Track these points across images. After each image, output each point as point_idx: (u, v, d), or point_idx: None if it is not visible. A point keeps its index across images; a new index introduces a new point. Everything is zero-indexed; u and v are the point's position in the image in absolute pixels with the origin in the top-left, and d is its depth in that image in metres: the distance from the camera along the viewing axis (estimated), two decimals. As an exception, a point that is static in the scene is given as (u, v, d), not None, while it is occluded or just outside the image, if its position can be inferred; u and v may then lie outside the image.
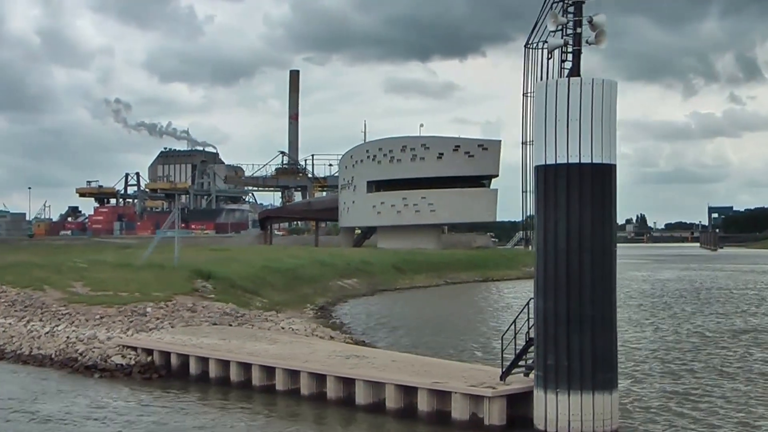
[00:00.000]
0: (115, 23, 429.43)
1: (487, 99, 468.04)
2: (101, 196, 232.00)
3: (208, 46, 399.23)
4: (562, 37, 22.41)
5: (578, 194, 21.90)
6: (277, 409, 26.40)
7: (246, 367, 28.90)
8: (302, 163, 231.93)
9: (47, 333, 36.62)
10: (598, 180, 22.14)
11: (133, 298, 41.95)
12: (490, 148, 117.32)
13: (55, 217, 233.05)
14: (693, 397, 27.81)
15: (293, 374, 27.43)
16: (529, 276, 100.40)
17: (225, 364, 29.61)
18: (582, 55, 22.30)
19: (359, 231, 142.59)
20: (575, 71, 22.43)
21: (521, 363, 23.79)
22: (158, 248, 64.46)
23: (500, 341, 24.47)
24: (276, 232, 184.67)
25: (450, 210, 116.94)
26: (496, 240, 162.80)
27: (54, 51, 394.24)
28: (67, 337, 35.37)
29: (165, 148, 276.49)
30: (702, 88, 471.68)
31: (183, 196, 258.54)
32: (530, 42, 21.62)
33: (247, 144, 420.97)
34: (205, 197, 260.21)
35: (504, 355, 24.26)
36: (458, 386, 23.43)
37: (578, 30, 22.35)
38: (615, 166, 22.58)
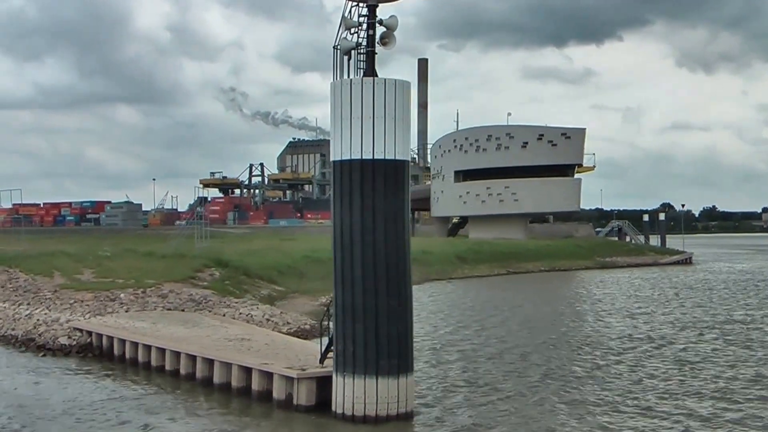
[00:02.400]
0: (245, 16, 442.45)
1: (626, 85, 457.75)
2: (225, 186, 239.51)
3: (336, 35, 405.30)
4: (357, 39, 23.66)
5: (371, 189, 23.13)
6: (154, 385, 28.69)
7: (148, 348, 31.44)
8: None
9: (26, 316, 40.28)
10: (391, 175, 23.31)
11: (124, 285, 45.20)
12: (573, 136, 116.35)
13: (184, 208, 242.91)
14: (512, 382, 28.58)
15: (177, 355, 29.75)
16: (601, 266, 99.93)
17: (135, 345, 32.27)
18: (719, 36, 22.38)
19: (457, 220, 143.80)
20: (369, 71, 23.67)
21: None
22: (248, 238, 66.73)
23: (319, 326, 26.01)
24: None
25: (533, 199, 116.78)
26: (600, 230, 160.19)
27: (184, 45, 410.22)
28: (37, 320, 38.88)
29: (293, 138, 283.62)
30: None
31: (306, 186, 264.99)
32: (337, 43, 22.99)
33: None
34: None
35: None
36: (276, 368, 25.17)
37: (371, 32, 23.59)
38: (408, 162, 23.74)
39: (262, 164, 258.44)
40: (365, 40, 23.76)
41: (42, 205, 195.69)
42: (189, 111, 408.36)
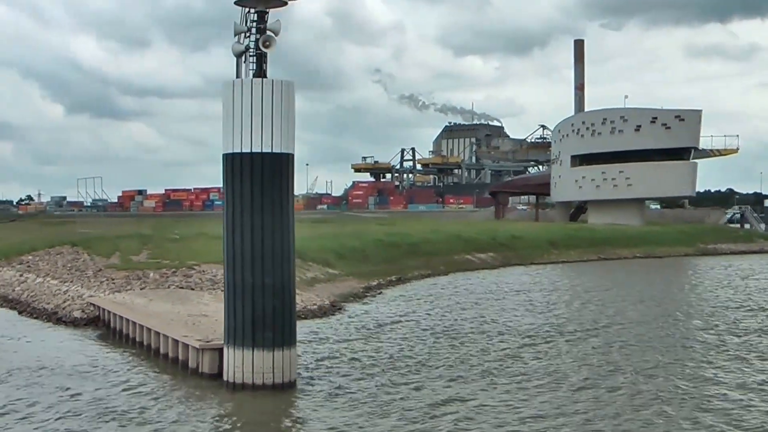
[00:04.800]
0: (404, 0, 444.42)
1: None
2: (376, 171, 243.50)
3: (497, 17, 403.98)
4: (247, 42, 25.98)
5: (256, 179, 25.51)
6: (119, 354, 32.12)
7: (128, 321, 34.94)
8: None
9: (63, 292, 44.75)
10: (276, 167, 25.64)
11: (164, 265, 49.07)
12: (687, 119, 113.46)
13: (339, 192, 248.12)
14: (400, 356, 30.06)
15: (142, 328, 33.08)
16: (702, 253, 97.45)
17: (122, 318, 35.89)
18: None
19: (579, 204, 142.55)
20: (259, 72, 25.96)
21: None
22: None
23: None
24: (520, 206, 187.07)
25: (646, 184, 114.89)
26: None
27: (346, 30, 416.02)
28: (68, 296, 43.24)
29: (449, 123, 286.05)
30: None
31: (456, 170, 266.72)
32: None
33: (544, 116, 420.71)
34: (488, 171, 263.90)
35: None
36: (189, 339, 28.01)
37: (258, 36, 25.85)
38: (292, 155, 25.98)
39: (413, 149, 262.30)
40: (254, 43, 26.06)
41: (192, 190, 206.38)
42: (350, 96, 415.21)
